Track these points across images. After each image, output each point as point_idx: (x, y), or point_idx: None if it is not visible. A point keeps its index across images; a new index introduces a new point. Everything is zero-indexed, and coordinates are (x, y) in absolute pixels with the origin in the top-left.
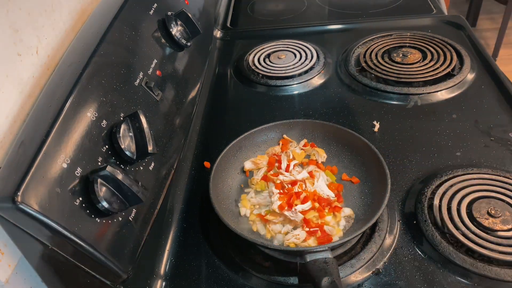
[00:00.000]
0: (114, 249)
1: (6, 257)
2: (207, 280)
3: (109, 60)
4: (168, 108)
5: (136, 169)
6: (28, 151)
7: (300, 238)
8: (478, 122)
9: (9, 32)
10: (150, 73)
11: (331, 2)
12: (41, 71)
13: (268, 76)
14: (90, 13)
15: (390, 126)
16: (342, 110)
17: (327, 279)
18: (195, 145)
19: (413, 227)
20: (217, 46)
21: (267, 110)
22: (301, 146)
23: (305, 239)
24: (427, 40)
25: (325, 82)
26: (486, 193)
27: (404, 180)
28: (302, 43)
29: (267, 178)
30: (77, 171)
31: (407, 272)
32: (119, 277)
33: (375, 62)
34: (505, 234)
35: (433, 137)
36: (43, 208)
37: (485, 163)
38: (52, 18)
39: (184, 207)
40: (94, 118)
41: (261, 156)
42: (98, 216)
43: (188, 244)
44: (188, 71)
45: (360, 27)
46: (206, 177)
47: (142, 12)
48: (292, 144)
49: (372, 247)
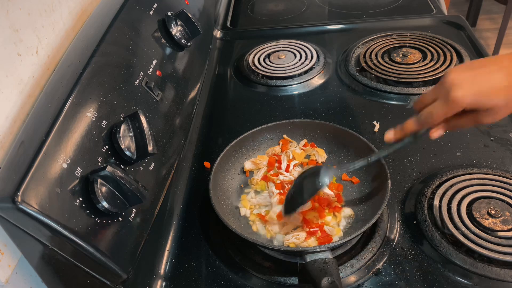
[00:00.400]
0: (114, 249)
1: (6, 257)
2: (207, 280)
3: (109, 60)
4: (168, 108)
5: (136, 169)
6: (28, 151)
7: (300, 238)
8: None
9: (9, 32)
10: (150, 73)
11: (331, 2)
12: (41, 71)
13: (268, 76)
14: (90, 13)
15: (390, 126)
16: (342, 110)
17: (327, 279)
18: (195, 145)
19: (413, 227)
20: (217, 46)
21: (267, 110)
22: (301, 146)
23: (305, 239)
24: (427, 40)
25: (325, 82)
26: (486, 193)
27: (404, 180)
28: (302, 43)
29: (267, 178)
30: (77, 171)
31: (407, 272)
32: (119, 277)
33: (375, 62)
34: (505, 234)
35: None
36: (43, 208)
37: (485, 163)
38: (52, 18)
39: (184, 207)
40: (94, 118)
41: (261, 156)
42: (98, 216)
43: (188, 244)
44: (188, 71)
45: (360, 27)
46: (206, 177)
47: (142, 12)
48: (292, 144)
49: (372, 247)
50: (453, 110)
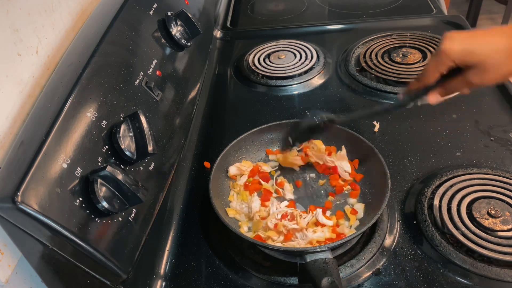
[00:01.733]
0: (114, 249)
1: (6, 257)
2: (207, 280)
3: (109, 60)
4: (168, 108)
5: (136, 169)
6: (28, 151)
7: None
8: (478, 122)
9: (9, 32)
10: (150, 73)
11: (331, 2)
12: (41, 71)
13: (268, 76)
14: (90, 13)
15: (390, 126)
16: (342, 110)
17: (327, 279)
18: (195, 145)
19: (413, 227)
20: (217, 46)
21: (267, 110)
22: (297, 151)
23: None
24: (427, 40)
25: (325, 82)
26: (486, 193)
27: (404, 180)
28: (302, 43)
29: (247, 187)
30: (77, 171)
31: (407, 272)
32: (119, 277)
33: (375, 62)
34: (505, 234)
35: (433, 137)
36: (43, 208)
37: (485, 163)
38: (52, 18)
39: (184, 207)
40: (94, 118)
41: (246, 162)
42: (98, 216)
43: (188, 244)
44: (188, 71)
45: (360, 27)
46: (206, 177)
47: (142, 12)
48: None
49: (372, 247)
50: (443, 62)
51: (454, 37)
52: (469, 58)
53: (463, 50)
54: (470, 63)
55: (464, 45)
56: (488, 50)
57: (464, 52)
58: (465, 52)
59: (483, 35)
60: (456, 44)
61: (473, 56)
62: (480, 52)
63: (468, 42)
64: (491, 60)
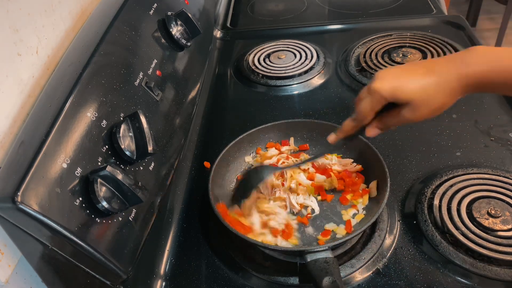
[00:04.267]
0: (114, 249)
1: (6, 257)
2: (207, 280)
3: (109, 60)
4: (168, 108)
5: (136, 169)
6: (28, 151)
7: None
8: (478, 122)
9: (9, 32)
10: (150, 73)
11: (331, 2)
12: (41, 71)
13: (268, 76)
14: (90, 13)
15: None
16: (342, 110)
17: (328, 279)
18: (195, 145)
19: (413, 227)
20: (217, 46)
21: (267, 110)
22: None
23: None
24: (427, 40)
25: (325, 82)
26: (486, 193)
27: (404, 180)
28: (302, 43)
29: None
30: (77, 171)
31: (407, 272)
32: (119, 277)
33: (375, 62)
34: (505, 234)
35: (433, 137)
36: (43, 208)
37: (485, 163)
38: (52, 18)
39: (184, 207)
40: (94, 118)
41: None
42: (98, 216)
43: (188, 244)
44: (188, 71)
45: (360, 27)
46: (206, 177)
47: (142, 12)
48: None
49: (372, 247)
50: (376, 102)
51: (384, 77)
52: (399, 96)
53: (393, 88)
54: (400, 101)
55: (393, 84)
56: (416, 88)
57: (394, 90)
58: (395, 90)
59: (411, 72)
60: (386, 83)
61: (403, 94)
62: (408, 90)
63: (397, 80)
64: (420, 97)
